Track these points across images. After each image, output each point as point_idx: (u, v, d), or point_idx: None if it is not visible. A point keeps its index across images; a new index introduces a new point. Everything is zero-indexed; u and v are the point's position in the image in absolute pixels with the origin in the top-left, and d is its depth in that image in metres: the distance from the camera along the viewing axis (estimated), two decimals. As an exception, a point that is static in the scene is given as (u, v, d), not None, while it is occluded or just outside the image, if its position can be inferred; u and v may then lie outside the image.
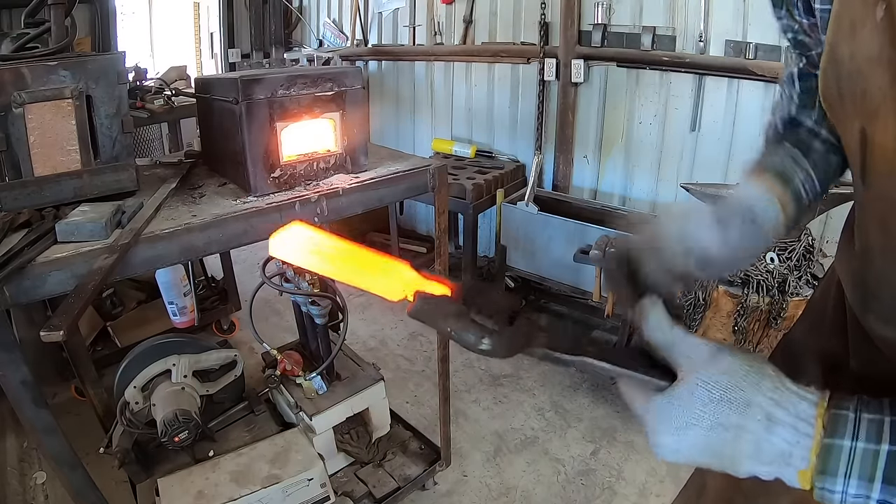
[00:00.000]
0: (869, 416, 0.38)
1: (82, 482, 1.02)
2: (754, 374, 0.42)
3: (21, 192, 1.02)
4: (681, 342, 0.45)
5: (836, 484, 0.38)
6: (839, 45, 0.42)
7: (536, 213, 2.62)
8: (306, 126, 1.22)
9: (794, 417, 0.40)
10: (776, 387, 0.41)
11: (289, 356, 1.71)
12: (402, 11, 3.48)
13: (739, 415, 0.41)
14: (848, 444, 0.38)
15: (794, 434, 0.40)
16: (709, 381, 0.42)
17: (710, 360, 0.43)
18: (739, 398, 0.41)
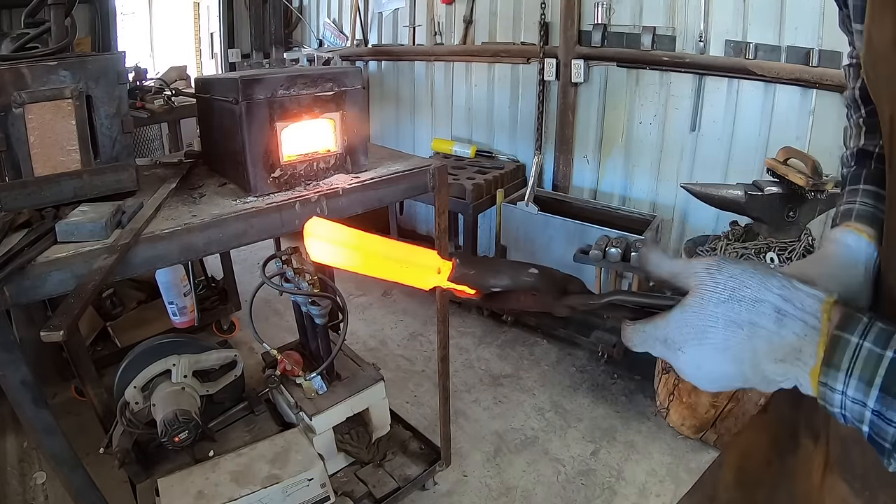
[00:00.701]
0: (881, 325, 0.39)
1: (82, 482, 1.02)
2: (761, 275, 0.43)
3: (21, 192, 1.02)
4: (685, 266, 0.46)
5: (838, 381, 0.39)
6: (873, 29, 0.43)
7: (536, 213, 2.62)
8: (306, 126, 1.22)
9: (803, 311, 0.41)
10: (784, 284, 0.42)
11: (289, 356, 1.71)
12: (402, 11, 3.48)
13: (750, 311, 0.42)
14: (855, 341, 0.38)
15: (802, 326, 0.40)
16: (717, 284, 0.43)
17: (717, 268, 0.44)
18: (748, 295, 0.42)
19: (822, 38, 2.08)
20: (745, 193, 1.80)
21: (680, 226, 2.68)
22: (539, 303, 0.50)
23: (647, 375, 2.36)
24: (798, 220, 1.80)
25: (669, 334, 0.46)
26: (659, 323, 0.46)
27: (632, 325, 0.49)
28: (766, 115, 2.29)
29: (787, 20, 2.15)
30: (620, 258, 2.20)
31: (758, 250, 1.81)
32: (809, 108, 2.18)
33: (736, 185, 1.85)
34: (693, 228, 2.60)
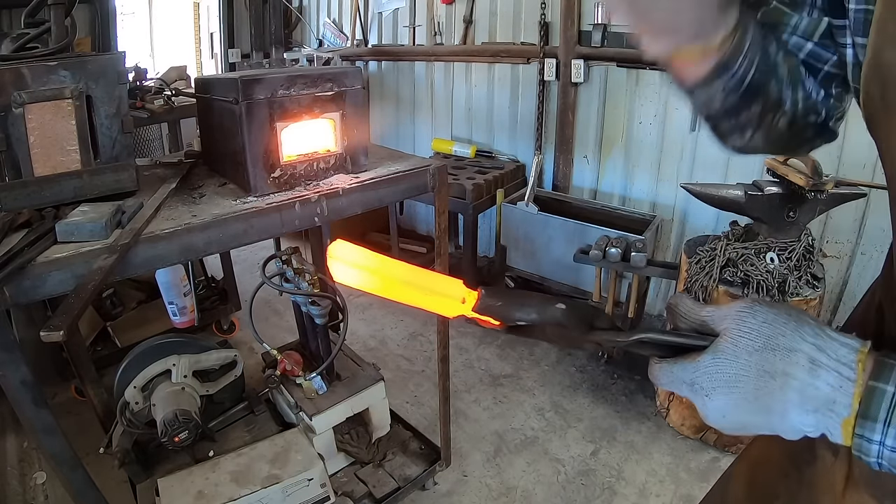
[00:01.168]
0: None
1: (82, 482, 1.02)
2: (794, 322, 0.42)
3: (21, 192, 1.02)
4: (715, 311, 0.46)
5: (875, 432, 0.38)
6: (884, 50, 0.41)
7: (536, 213, 2.62)
8: (306, 126, 1.22)
9: (836, 362, 0.40)
10: (817, 333, 0.42)
11: (289, 356, 1.71)
12: (402, 11, 3.48)
13: (784, 361, 0.41)
14: (892, 390, 0.38)
15: (837, 378, 0.40)
16: (751, 331, 0.43)
17: (750, 314, 0.43)
18: (783, 345, 0.41)
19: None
20: (745, 193, 1.80)
21: (680, 226, 2.68)
22: (565, 337, 0.49)
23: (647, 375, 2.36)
24: (798, 220, 1.80)
25: (698, 379, 0.44)
26: (688, 366, 0.45)
27: (660, 363, 0.48)
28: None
29: (787, 20, 2.15)
30: (620, 258, 2.20)
31: (758, 250, 1.81)
32: (809, 108, 2.18)
33: (736, 185, 1.85)
34: (693, 228, 2.60)
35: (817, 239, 2.15)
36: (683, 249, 2.05)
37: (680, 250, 2.34)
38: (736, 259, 1.82)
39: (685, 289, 1.91)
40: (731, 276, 1.81)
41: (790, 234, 1.82)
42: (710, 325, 0.46)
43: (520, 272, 2.78)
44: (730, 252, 1.84)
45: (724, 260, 1.84)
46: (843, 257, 2.29)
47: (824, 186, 1.70)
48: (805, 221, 1.83)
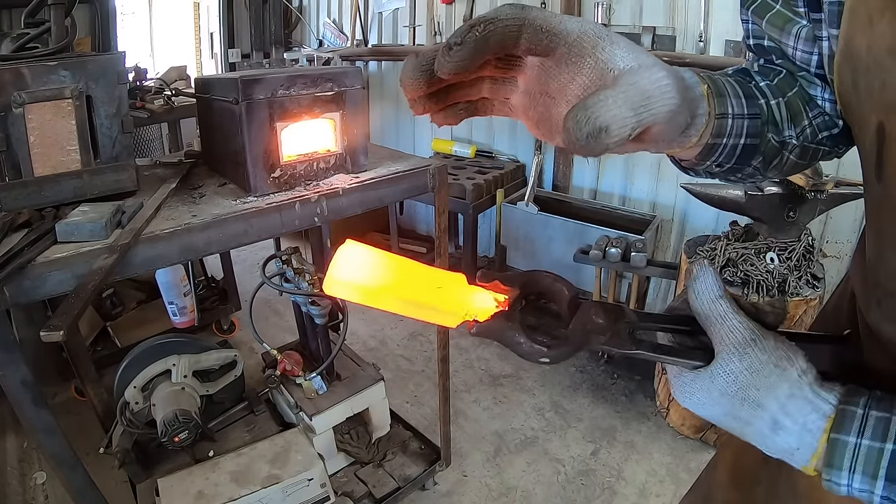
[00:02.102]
0: (877, 414, 0.39)
1: (82, 482, 1.02)
2: (776, 377, 0.42)
3: (21, 192, 1.02)
4: (720, 322, 0.45)
5: (842, 478, 0.40)
6: (854, 37, 0.42)
7: (536, 213, 2.62)
8: (306, 126, 1.22)
9: (801, 428, 0.41)
10: (793, 393, 0.42)
11: (289, 356, 1.71)
12: (402, 11, 3.48)
13: (749, 413, 0.43)
14: (853, 441, 0.39)
15: (797, 439, 0.41)
16: (730, 374, 0.43)
17: (741, 352, 0.44)
18: (753, 398, 0.43)
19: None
20: (745, 193, 1.80)
21: (680, 226, 2.68)
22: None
23: (647, 375, 2.36)
24: (798, 220, 1.80)
25: (676, 386, 0.47)
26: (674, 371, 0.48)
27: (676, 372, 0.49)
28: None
29: (787, 20, 2.15)
30: (620, 258, 2.20)
31: (758, 250, 1.81)
32: (809, 108, 2.18)
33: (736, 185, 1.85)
34: (693, 228, 2.60)
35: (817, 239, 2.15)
36: (683, 249, 2.05)
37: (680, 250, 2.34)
38: (736, 259, 1.82)
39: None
40: (732, 276, 1.81)
41: (790, 234, 1.82)
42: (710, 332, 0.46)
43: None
44: (730, 252, 1.84)
45: (724, 260, 1.84)
46: (843, 257, 2.29)
47: (824, 186, 1.70)
48: (805, 221, 1.83)
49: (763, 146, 0.52)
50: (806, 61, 0.53)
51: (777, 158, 0.54)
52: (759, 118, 0.51)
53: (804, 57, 0.53)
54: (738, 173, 0.54)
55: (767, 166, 0.54)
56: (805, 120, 0.54)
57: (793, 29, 0.52)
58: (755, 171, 0.54)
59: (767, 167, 0.54)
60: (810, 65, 0.53)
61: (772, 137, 0.52)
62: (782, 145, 0.53)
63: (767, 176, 0.57)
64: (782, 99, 0.53)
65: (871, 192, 0.48)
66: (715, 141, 0.48)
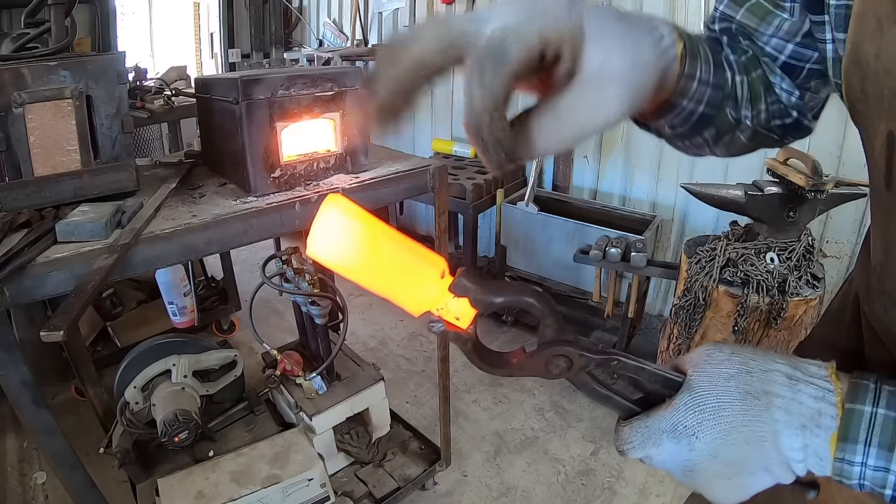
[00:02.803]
0: (890, 388, 0.38)
1: (82, 482, 1.02)
2: (761, 351, 0.43)
3: (21, 192, 1.02)
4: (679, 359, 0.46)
5: (857, 453, 0.38)
6: (863, 43, 0.41)
7: (536, 213, 2.62)
8: (306, 126, 1.22)
9: (812, 376, 0.41)
10: (785, 357, 0.43)
11: (289, 356, 1.71)
12: (402, 11, 3.48)
13: (762, 380, 0.41)
14: (869, 410, 0.38)
15: (816, 389, 0.40)
16: (723, 360, 0.43)
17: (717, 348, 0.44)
18: (757, 366, 0.42)
19: (822, 38, 2.08)
20: (745, 193, 1.80)
21: (680, 226, 2.68)
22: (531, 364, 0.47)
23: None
24: (798, 220, 1.80)
25: (679, 420, 0.42)
26: (664, 413, 0.43)
27: (627, 423, 0.45)
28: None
29: (787, 20, 2.15)
30: (620, 258, 2.20)
31: (758, 250, 1.81)
32: (809, 108, 2.18)
33: (736, 185, 1.85)
34: (693, 228, 2.60)
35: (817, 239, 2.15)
36: (683, 249, 2.05)
37: (680, 250, 2.34)
38: (736, 259, 1.82)
39: (685, 289, 1.91)
40: (731, 276, 1.81)
41: (790, 234, 1.82)
42: (677, 368, 0.45)
43: (520, 272, 2.78)
44: (730, 252, 1.84)
45: (724, 260, 1.84)
46: (843, 257, 2.29)
47: (824, 186, 1.70)
48: (805, 221, 1.83)
49: (719, 120, 0.51)
50: (779, 49, 0.52)
51: (729, 135, 0.53)
52: (721, 90, 0.50)
53: (778, 44, 0.52)
54: (688, 140, 0.54)
55: (717, 141, 0.53)
56: (762, 104, 0.53)
57: (774, 20, 0.52)
58: (704, 142, 0.54)
59: (717, 142, 0.53)
60: (781, 53, 0.52)
61: (729, 112, 0.51)
62: (737, 123, 0.52)
63: (715, 152, 0.56)
64: (746, 77, 0.52)
65: (879, 200, 0.47)
66: (676, 100, 0.47)
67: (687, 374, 0.44)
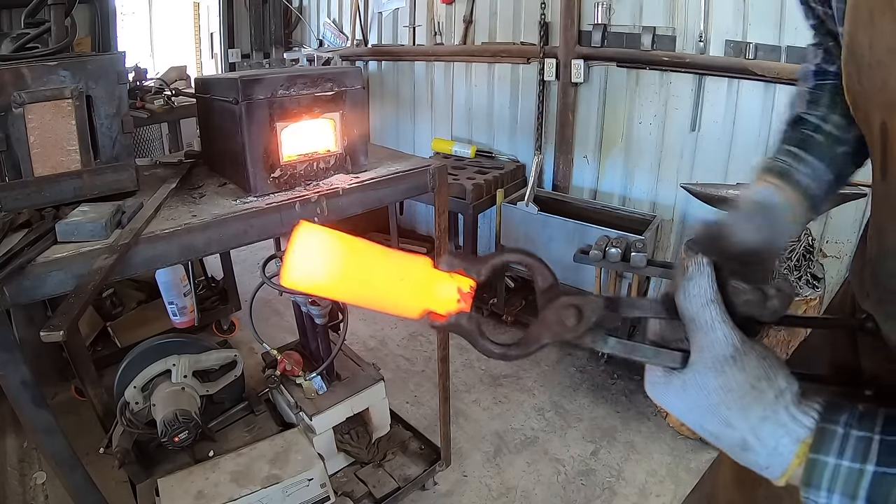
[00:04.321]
0: (858, 434, 0.38)
1: (82, 482, 1.02)
2: (750, 399, 0.41)
3: (21, 192, 1.01)
4: (705, 330, 0.43)
5: (820, 497, 0.39)
6: (857, 35, 0.42)
7: (536, 213, 2.62)
8: (306, 126, 1.22)
9: (771, 450, 0.40)
10: (765, 416, 0.41)
11: (289, 356, 1.71)
12: (402, 11, 3.48)
13: (719, 429, 0.42)
14: (833, 462, 0.38)
15: (766, 460, 0.41)
16: (704, 388, 0.42)
17: (718, 369, 0.42)
18: (724, 417, 0.42)
19: (822, 38, 2.08)
20: (745, 193, 1.80)
21: (680, 226, 2.68)
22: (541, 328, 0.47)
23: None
24: (798, 220, 1.80)
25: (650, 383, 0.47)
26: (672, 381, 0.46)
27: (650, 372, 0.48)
28: (766, 115, 2.29)
29: (787, 20, 2.15)
30: (620, 258, 2.20)
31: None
32: (809, 108, 2.18)
33: (736, 185, 1.85)
34: (693, 228, 2.60)
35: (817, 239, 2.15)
36: (683, 249, 2.05)
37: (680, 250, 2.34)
38: (736, 259, 1.82)
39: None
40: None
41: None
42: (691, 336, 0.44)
43: (520, 272, 2.78)
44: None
45: (724, 260, 1.83)
46: (843, 257, 2.29)
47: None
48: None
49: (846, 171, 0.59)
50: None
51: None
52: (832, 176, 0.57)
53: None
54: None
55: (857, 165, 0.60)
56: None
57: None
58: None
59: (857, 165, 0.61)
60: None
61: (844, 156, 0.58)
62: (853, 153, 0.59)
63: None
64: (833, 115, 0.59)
65: (876, 190, 0.48)
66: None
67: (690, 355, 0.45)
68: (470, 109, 3.32)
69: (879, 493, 0.36)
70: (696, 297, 0.44)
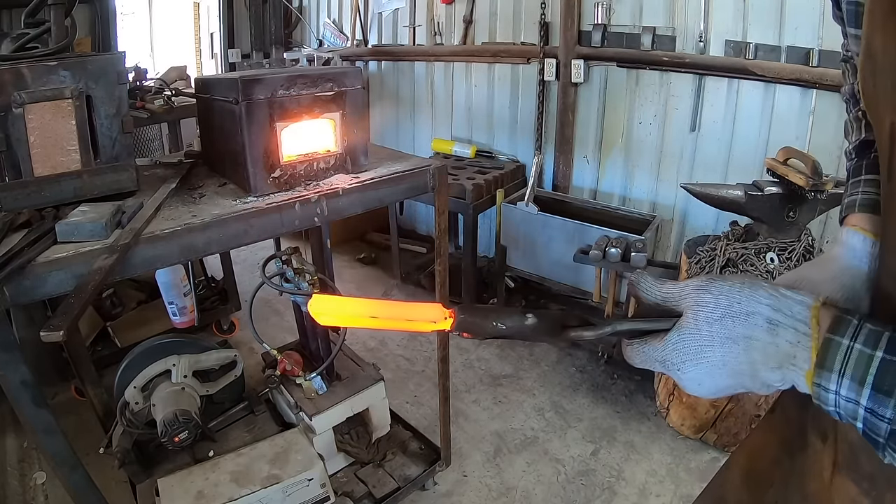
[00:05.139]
0: (871, 327, 0.40)
1: (82, 482, 1.02)
2: (749, 289, 0.44)
3: (21, 192, 1.02)
4: (675, 289, 0.48)
5: (831, 381, 0.40)
6: (873, 37, 0.42)
7: (536, 213, 2.62)
8: (306, 126, 1.22)
9: (792, 318, 0.43)
10: (771, 294, 0.44)
11: (289, 356, 1.71)
12: (402, 12, 3.48)
13: (743, 325, 0.44)
14: (846, 343, 0.40)
15: (794, 333, 0.42)
16: (709, 303, 0.45)
17: (706, 288, 0.46)
18: (740, 310, 0.44)
19: (822, 38, 2.08)
20: (745, 193, 1.80)
21: (680, 226, 2.68)
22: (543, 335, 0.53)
23: (647, 375, 2.36)
24: (798, 220, 1.80)
25: (667, 356, 0.48)
26: (656, 346, 0.48)
27: (630, 344, 0.51)
28: (766, 115, 2.29)
29: (787, 20, 2.15)
30: (620, 258, 2.20)
31: (758, 250, 1.81)
32: (809, 108, 2.18)
33: (736, 186, 1.85)
34: (693, 228, 2.60)
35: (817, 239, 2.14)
36: (683, 249, 2.05)
37: (680, 250, 2.34)
38: (736, 259, 1.82)
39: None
40: (731, 276, 1.81)
41: (790, 234, 1.82)
42: (670, 303, 0.48)
43: (520, 272, 2.78)
44: (730, 252, 1.84)
45: (724, 260, 1.84)
46: (843, 257, 2.29)
47: (824, 186, 1.70)
48: (805, 221, 1.83)
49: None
50: None
51: None
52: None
53: None
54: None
55: None
56: None
57: None
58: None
59: None
60: None
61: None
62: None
63: None
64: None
65: (883, 193, 0.48)
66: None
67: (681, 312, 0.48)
68: (470, 109, 3.32)
69: (886, 380, 0.38)
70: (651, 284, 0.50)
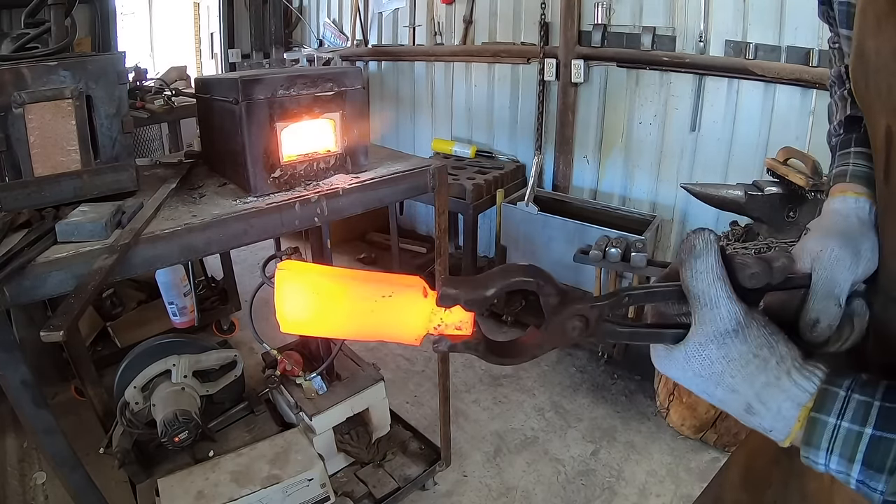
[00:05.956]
0: (859, 398, 0.39)
1: (82, 482, 1.02)
2: (753, 367, 0.41)
3: (21, 192, 1.01)
4: (709, 306, 0.43)
5: (819, 457, 0.40)
6: (865, 39, 0.42)
7: (536, 213, 2.62)
8: (306, 126, 1.22)
9: (775, 413, 0.41)
10: (768, 382, 0.41)
11: (289, 356, 1.71)
12: (402, 11, 3.48)
13: (724, 394, 0.43)
14: (833, 422, 0.39)
15: (770, 423, 0.42)
16: (706, 359, 0.43)
17: (720, 339, 0.42)
18: (727, 383, 0.43)
19: (821, 38, 2.08)
20: (745, 193, 1.80)
21: (680, 226, 2.68)
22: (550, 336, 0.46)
23: (647, 375, 2.36)
24: (798, 220, 1.80)
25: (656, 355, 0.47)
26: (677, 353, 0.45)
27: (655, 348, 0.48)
28: (766, 115, 2.29)
29: (787, 20, 2.15)
30: (620, 258, 2.20)
31: (758, 250, 1.81)
32: (809, 108, 2.18)
33: (736, 185, 1.85)
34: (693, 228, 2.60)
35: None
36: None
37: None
38: (736, 259, 1.82)
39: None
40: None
41: (790, 234, 1.82)
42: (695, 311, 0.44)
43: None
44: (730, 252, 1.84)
45: (724, 260, 1.83)
46: (843, 257, 2.29)
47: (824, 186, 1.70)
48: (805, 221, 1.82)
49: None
50: None
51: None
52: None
53: None
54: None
55: None
56: None
57: None
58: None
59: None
60: None
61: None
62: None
63: None
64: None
65: (880, 194, 0.48)
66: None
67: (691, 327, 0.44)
68: (470, 109, 3.32)
69: (876, 457, 0.37)
70: (703, 273, 0.44)
